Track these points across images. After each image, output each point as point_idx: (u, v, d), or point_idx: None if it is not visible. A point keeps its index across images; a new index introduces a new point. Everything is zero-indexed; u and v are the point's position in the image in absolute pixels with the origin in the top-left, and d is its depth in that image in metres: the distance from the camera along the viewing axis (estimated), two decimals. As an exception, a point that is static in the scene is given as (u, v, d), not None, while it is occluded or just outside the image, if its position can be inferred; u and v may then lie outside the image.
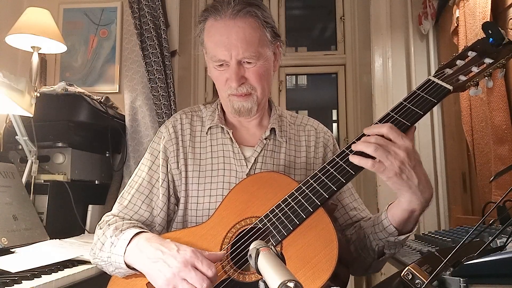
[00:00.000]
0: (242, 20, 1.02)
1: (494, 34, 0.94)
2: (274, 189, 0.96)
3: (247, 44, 1.02)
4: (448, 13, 2.17)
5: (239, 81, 1.04)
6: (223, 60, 1.04)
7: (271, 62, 1.10)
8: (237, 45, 1.01)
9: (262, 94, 1.08)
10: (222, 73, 1.06)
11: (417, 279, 0.71)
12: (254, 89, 1.06)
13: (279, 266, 0.54)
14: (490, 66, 0.93)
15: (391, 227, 0.94)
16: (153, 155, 1.14)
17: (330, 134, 1.23)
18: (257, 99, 1.08)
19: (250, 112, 1.09)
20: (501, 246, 0.82)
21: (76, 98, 1.95)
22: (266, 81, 1.08)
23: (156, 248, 0.90)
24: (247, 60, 1.03)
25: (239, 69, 1.03)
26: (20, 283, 1.06)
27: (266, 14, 1.07)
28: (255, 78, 1.05)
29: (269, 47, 1.08)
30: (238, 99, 1.07)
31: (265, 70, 1.07)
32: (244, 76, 1.05)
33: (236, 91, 1.06)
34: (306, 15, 3.38)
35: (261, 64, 1.05)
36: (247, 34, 1.02)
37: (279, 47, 1.14)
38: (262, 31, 1.05)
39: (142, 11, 2.40)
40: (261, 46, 1.04)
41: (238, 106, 1.08)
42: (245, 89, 1.05)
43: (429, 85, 0.94)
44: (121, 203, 1.09)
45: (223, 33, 1.03)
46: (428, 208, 0.96)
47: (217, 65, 1.06)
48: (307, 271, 0.83)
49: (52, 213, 1.73)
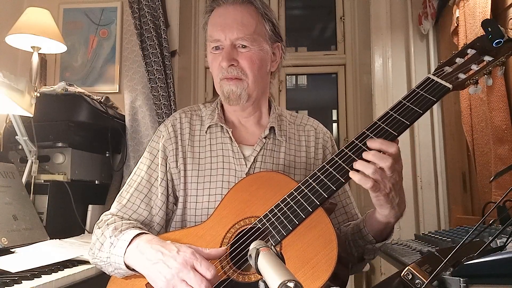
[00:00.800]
0: (241, 6, 1.07)
1: (493, 31, 0.94)
2: (273, 189, 0.95)
3: (242, 26, 1.05)
4: (448, 13, 2.17)
5: (230, 61, 1.05)
6: (218, 40, 1.07)
7: (267, 55, 1.10)
8: (233, 26, 1.05)
9: (254, 83, 1.08)
10: (217, 57, 1.08)
11: (417, 279, 0.71)
12: (245, 75, 1.07)
13: (279, 266, 0.54)
14: (490, 64, 0.93)
15: (369, 236, 1.00)
16: (152, 154, 1.14)
17: (329, 135, 1.23)
18: (247, 87, 1.07)
19: (239, 99, 1.08)
20: (501, 246, 0.82)
21: (76, 98, 1.95)
22: (259, 71, 1.08)
23: (157, 250, 0.90)
24: (241, 43, 1.05)
25: (231, 51, 1.06)
26: (20, 283, 1.06)
27: (267, 9, 1.10)
28: (247, 63, 1.06)
29: (267, 41, 1.10)
30: (228, 83, 1.07)
31: (259, 59, 1.07)
32: (236, 59, 1.06)
33: (226, 73, 1.06)
34: (306, 15, 3.38)
35: (255, 51, 1.06)
36: (244, 18, 1.06)
37: (280, 49, 1.15)
38: (260, 21, 1.08)
39: (142, 11, 2.40)
40: (257, 34, 1.07)
41: (227, 90, 1.07)
42: (235, 71, 1.06)
43: (429, 84, 0.94)
44: (120, 202, 1.09)
45: (221, 15, 1.08)
46: (428, 208, 0.98)
47: (213, 47, 1.09)
48: (307, 271, 0.83)
49: (52, 213, 1.74)
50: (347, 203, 1.18)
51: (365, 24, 2.73)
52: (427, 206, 2.38)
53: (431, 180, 2.41)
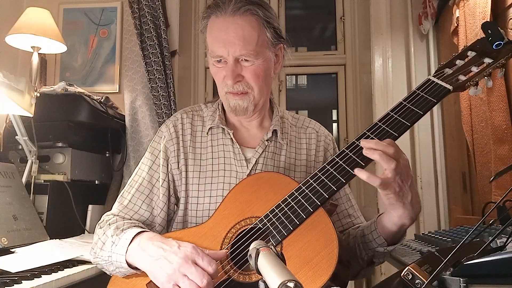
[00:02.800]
0: (241, 17, 1.02)
1: (493, 34, 0.94)
2: (274, 189, 0.95)
3: (244, 42, 1.01)
4: (448, 13, 2.17)
5: (235, 78, 1.03)
6: (220, 56, 1.04)
7: (271, 63, 1.08)
8: (235, 42, 1.01)
9: (259, 94, 1.07)
10: (220, 70, 1.06)
11: (417, 279, 0.70)
12: (251, 88, 1.05)
13: (279, 266, 0.54)
14: (490, 66, 0.93)
15: (380, 238, 0.97)
16: (154, 155, 1.13)
17: (331, 138, 1.22)
18: (253, 99, 1.07)
19: (246, 111, 1.08)
20: (501, 246, 0.82)
21: (76, 98, 1.95)
22: (265, 81, 1.07)
23: (158, 246, 0.90)
24: (245, 58, 1.03)
25: (236, 67, 1.03)
26: (20, 283, 1.06)
27: (268, 14, 1.05)
28: (252, 77, 1.04)
29: (270, 48, 1.06)
30: (234, 97, 1.06)
31: (264, 70, 1.05)
32: (241, 74, 1.04)
33: (232, 89, 1.05)
34: (306, 15, 3.38)
35: (260, 63, 1.04)
36: (245, 32, 1.01)
37: (282, 49, 1.12)
38: (262, 31, 1.04)
39: (142, 11, 2.40)
40: (260, 45, 1.03)
41: (234, 104, 1.07)
42: (241, 87, 1.05)
43: (429, 85, 0.94)
44: (121, 203, 1.09)
45: (221, 29, 1.03)
46: (428, 208, 0.97)
47: (215, 61, 1.06)
48: (307, 271, 0.83)
49: (52, 213, 1.74)
50: (350, 205, 1.17)
51: (365, 24, 2.73)
52: (427, 206, 2.38)
53: (431, 180, 2.41)
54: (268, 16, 1.05)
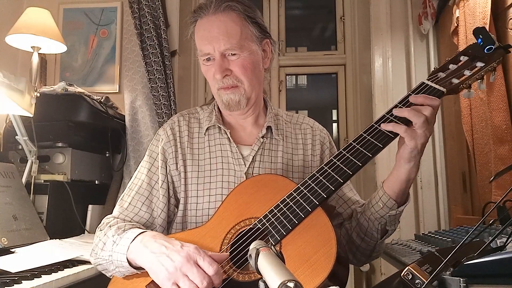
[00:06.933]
0: (223, 14, 1.07)
1: (485, 38, 0.97)
2: (273, 191, 0.96)
3: (228, 36, 1.05)
4: (448, 13, 2.18)
5: (223, 72, 1.06)
6: (208, 54, 1.08)
7: (258, 56, 1.11)
8: (219, 37, 1.05)
9: (250, 87, 1.09)
10: (210, 68, 1.09)
11: (417, 279, 0.71)
12: (240, 82, 1.08)
13: (279, 266, 0.54)
14: (482, 70, 0.96)
15: (391, 201, 0.98)
16: (152, 157, 1.14)
17: (325, 132, 1.25)
18: (245, 92, 1.09)
19: (239, 105, 1.10)
20: (501, 246, 0.82)
21: (76, 98, 1.95)
22: (254, 74, 1.10)
23: (161, 244, 0.91)
24: (231, 52, 1.06)
25: (223, 61, 1.06)
26: (20, 283, 1.06)
27: (249, 10, 1.10)
28: (239, 70, 1.07)
29: (255, 42, 1.10)
30: (225, 92, 1.09)
31: (251, 63, 1.08)
32: (229, 69, 1.07)
33: (222, 84, 1.08)
34: (306, 15, 3.38)
35: (246, 56, 1.07)
36: (228, 26, 1.05)
37: (270, 45, 1.16)
38: (244, 25, 1.08)
39: (142, 11, 2.40)
40: (244, 39, 1.07)
41: (226, 99, 1.09)
42: (230, 81, 1.08)
43: (423, 88, 0.97)
44: (121, 206, 1.10)
45: (206, 28, 1.07)
46: (428, 208, 0.98)
47: (204, 59, 1.10)
48: (306, 269, 0.84)
49: (52, 213, 1.74)
50: (354, 193, 1.19)
51: (365, 24, 2.73)
52: (427, 206, 2.38)
53: (431, 180, 2.41)
54: (249, 11, 1.09)
